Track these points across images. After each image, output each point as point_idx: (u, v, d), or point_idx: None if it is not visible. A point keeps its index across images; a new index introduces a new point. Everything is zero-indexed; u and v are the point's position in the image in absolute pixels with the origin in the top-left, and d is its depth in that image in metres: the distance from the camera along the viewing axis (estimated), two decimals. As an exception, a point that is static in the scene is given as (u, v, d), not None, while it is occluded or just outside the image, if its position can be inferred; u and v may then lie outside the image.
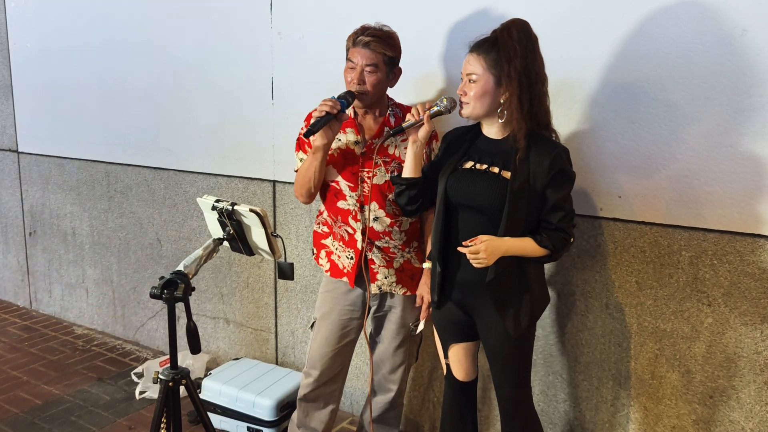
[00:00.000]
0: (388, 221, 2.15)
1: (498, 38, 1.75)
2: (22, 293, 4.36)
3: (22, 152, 4.12)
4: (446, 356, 2.07)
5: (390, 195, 2.12)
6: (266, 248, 1.93)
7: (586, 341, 2.30)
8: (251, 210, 1.83)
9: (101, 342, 3.77)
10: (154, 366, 3.20)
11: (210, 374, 2.92)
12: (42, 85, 3.90)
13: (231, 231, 1.93)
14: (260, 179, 3.05)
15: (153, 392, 3.06)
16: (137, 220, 3.61)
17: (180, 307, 1.80)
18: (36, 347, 3.68)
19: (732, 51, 1.89)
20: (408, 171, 1.96)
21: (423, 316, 2.22)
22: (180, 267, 1.83)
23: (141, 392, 3.09)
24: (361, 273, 2.19)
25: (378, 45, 2.02)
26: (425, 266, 2.22)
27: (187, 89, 3.23)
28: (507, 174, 1.80)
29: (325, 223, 2.28)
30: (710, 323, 2.05)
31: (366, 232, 2.14)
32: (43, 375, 3.32)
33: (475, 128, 1.94)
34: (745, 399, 2.04)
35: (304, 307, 3.02)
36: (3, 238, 4.39)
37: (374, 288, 2.20)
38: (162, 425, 1.87)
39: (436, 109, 1.90)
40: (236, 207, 1.86)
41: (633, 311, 2.18)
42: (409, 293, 2.23)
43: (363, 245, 2.16)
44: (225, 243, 1.98)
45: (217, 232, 1.98)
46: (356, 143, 2.14)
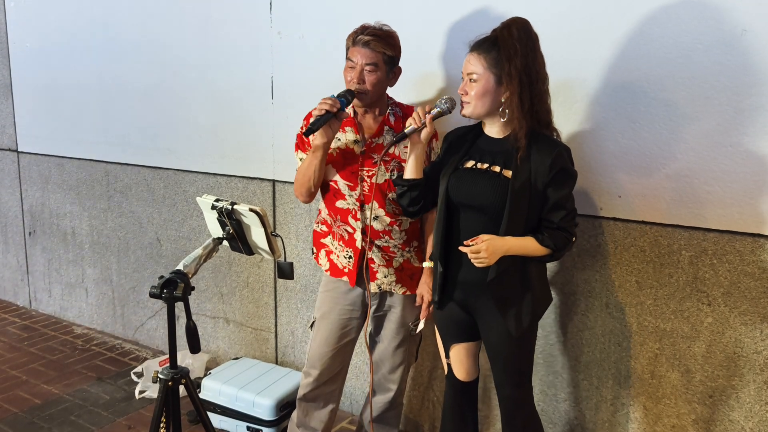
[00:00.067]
0: (388, 220, 2.15)
1: (498, 37, 1.75)
2: (22, 293, 4.36)
3: (22, 152, 4.12)
4: (447, 356, 2.06)
5: (390, 194, 2.12)
6: (266, 248, 1.93)
7: (586, 341, 2.30)
8: (251, 209, 1.82)
9: (101, 341, 3.77)
10: (154, 365, 3.20)
11: (210, 374, 2.92)
12: (42, 85, 3.90)
13: (230, 230, 1.93)
14: (260, 179, 3.05)
15: (152, 392, 3.06)
16: (137, 220, 3.61)
17: (179, 307, 1.80)
18: (35, 347, 3.68)
19: (732, 51, 1.89)
20: (409, 172, 1.96)
21: (423, 316, 2.22)
22: (179, 266, 1.83)
23: (140, 392, 3.09)
24: (362, 272, 2.19)
25: (378, 44, 2.02)
26: (425, 265, 2.22)
27: (187, 89, 3.23)
28: (508, 173, 1.80)
29: (324, 223, 2.28)
30: (710, 323, 2.05)
31: (367, 231, 2.14)
32: (43, 374, 3.31)
33: (477, 128, 1.93)
34: (745, 398, 2.04)
35: (304, 307, 3.01)
36: (2, 238, 4.39)
37: (374, 287, 2.19)
38: (161, 425, 1.87)
39: (437, 110, 1.90)
40: (236, 206, 1.85)
41: (633, 311, 2.18)
42: (409, 293, 2.23)
43: (363, 244, 2.16)
44: (225, 242, 1.98)
45: (217, 232, 1.98)
46: (356, 142, 2.14)
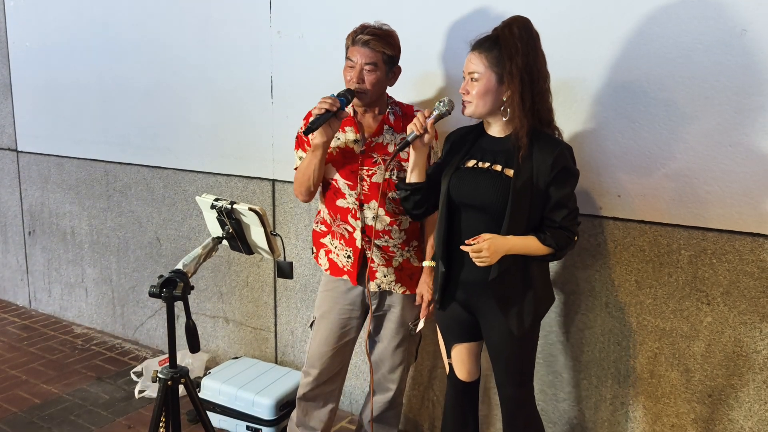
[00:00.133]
0: (388, 220, 2.15)
1: (499, 36, 1.74)
2: (22, 292, 4.36)
3: (21, 151, 4.12)
4: (449, 356, 2.06)
5: (390, 193, 2.12)
6: (265, 247, 1.92)
7: (586, 340, 2.30)
8: (250, 209, 1.82)
9: (100, 341, 3.77)
10: (153, 365, 3.20)
11: (209, 373, 2.92)
12: (41, 84, 3.89)
13: (230, 230, 1.93)
14: (259, 178, 3.05)
15: (152, 391, 3.06)
16: (136, 219, 3.61)
17: (179, 306, 1.80)
18: (35, 346, 3.67)
19: (732, 50, 1.89)
20: (412, 176, 1.94)
21: (423, 315, 2.22)
22: (179, 266, 1.83)
23: (140, 391, 3.09)
24: (362, 271, 2.19)
25: (377, 44, 2.02)
26: (425, 264, 2.22)
27: (187, 88, 3.23)
28: (509, 172, 1.79)
29: (324, 222, 2.28)
30: (709, 322, 2.05)
31: (372, 231, 2.14)
32: (42, 374, 3.31)
33: (478, 127, 1.93)
34: (744, 398, 2.04)
35: (304, 306, 3.01)
36: (2, 238, 4.39)
37: (373, 286, 2.19)
38: (161, 424, 1.87)
39: (436, 113, 1.87)
40: (235, 206, 1.85)
41: (632, 310, 2.18)
42: (409, 292, 2.23)
43: (362, 243, 2.16)
44: (224, 242, 1.97)
45: (216, 231, 1.98)
46: (355, 141, 2.14)
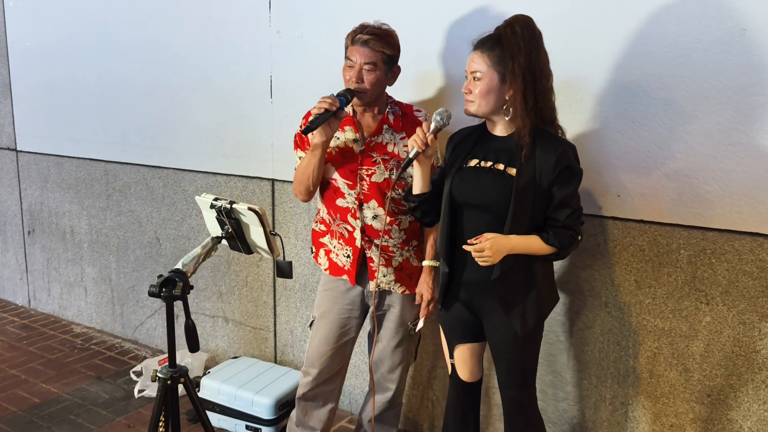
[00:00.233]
0: (388, 219, 2.15)
1: (502, 35, 1.74)
2: (21, 292, 4.36)
3: (21, 151, 4.12)
4: (452, 356, 2.06)
5: (390, 193, 2.12)
6: (265, 247, 1.92)
7: (585, 340, 2.30)
8: (250, 208, 1.82)
9: (100, 340, 3.77)
10: (153, 364, 3.20)
11: (209, 373, 2.92)
12: (40, 84, 3.89)
13: (229, 229, 1.93)
14: (259, 178, 3.05)
15: (151, 391, 3.06)
16: (136, 219, 3.61)
17: (179, 306, 1.80)
18: (34, 346, 3.67)
19: (731, 50, 1.89)
20: (418, 188, 1.94)
21: (422, 314, 2.22)
22: (178, 265, 1.83)
23: (140, 391, 3.09)
24: (361, 271, 2.19)
25: (377, 43, 2.02)
26: (425, 264, 2.22)
27: (186, 88, 3.22)
28: (512, 171, 1.78)
29: (323, 222, 2.27)
30: (708, 322, 2.05)
31: (377, 232, 2.14)
32: (42, 373, 3.31)
33: (480, 127, 1.92)
34: (743, 398, 2.04)
35: (303, 306, 3.01)
36: (2, 237, 4.38)
37: (372, 286, 2.19)
38: (160, 424, 1.87)
39: (434, 126, 1.87)
40: (234, 205, 1.85)
41: (632, 310, 2.18)
42: (408, 292, 2.23)
43: (362, 243, 2.16)
44: (223, 241, 1.97)
45: (216, 231, 1.98)
46: (355, 141, 2.14)
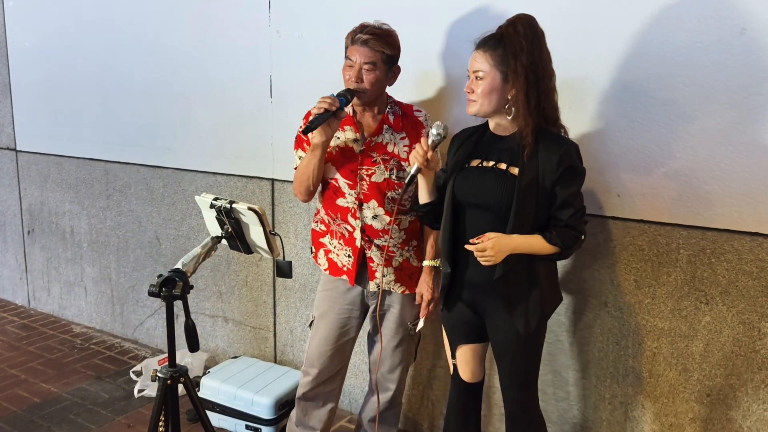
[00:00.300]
0: (387, 219, 2.15)
1: (504, 34, 1.74)
2: (21, 292, 4.36)
3: (21, 150, 4.11)
4: (454, 356, 2.05)
5: (389, 193, 2.12)
6: (265, 246, 1.92)
7: (585, 339, 2.30)
8: (249, 208, 1.82)
9: (100, 340, 3.77)
10: (153, 364, 3.20)
11: (208, 372, 2.92)
12: (40, 84, 3.89)
13: (229, 229, 1.93)
14: (259, 177, 3.05)
15: (151, 390, 3.06)
16: (136, 219, 3.61)
17: (178, 305, 1.80)
18: (34, 345, 3.68)
19: (731, 50, 1.89)
20: (423, 197, 1.95)
21: (423, 314, 2.22)
22: (178, 265, 1.83)
23: (139, 390, 3.09)
24: (361, 271, 2.19)
25: (377, 43, 2.02)
26: (425, 264, 2.22)
27: (186, 87, 3.22)
28: (514, 171, 1.78)
29: (322, 222, 2.27)
30: (708, 321, 2.05)
31: (386, 233, 2.14)
32: (42, 373, 3.31)
33: (483, 127, 1.92)
34: (743, 397, 2.04)
35: (303, 306, 3.02)
36: (1, 237, 4.38)
37: (372, 285, 2.19)
38: (160, 423, 1.87)
39: (432, 141, 1.87)
40: (234, 205, 1.85)
41: (631, 309, 2.18)
42: (408, 292, 2.23)
43: (362, 243, 2.16)
44: (223, 241, 1.97)
45: (216, 231, 1.98)
46: (355, 141, 2.14)
